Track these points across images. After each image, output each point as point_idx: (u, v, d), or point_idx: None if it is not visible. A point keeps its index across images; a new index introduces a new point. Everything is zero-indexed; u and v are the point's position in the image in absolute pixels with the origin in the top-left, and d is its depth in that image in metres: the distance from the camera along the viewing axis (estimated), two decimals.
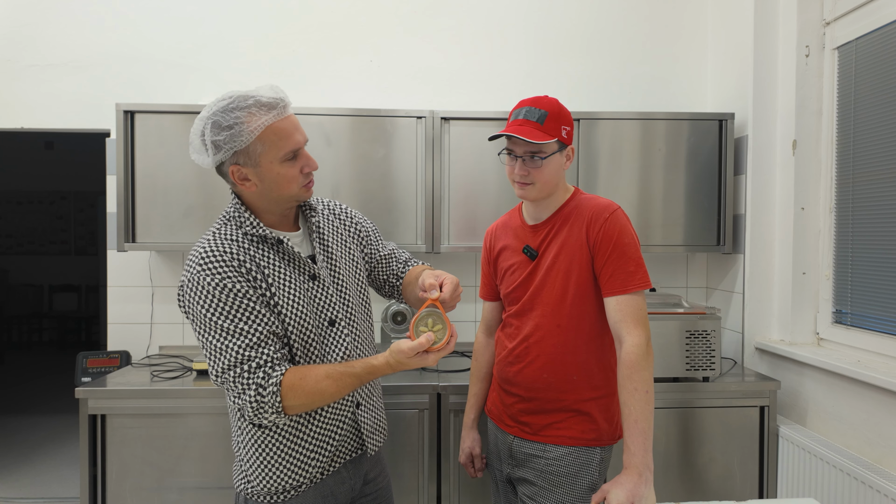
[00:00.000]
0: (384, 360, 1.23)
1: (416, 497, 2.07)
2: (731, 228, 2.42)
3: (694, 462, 2.12)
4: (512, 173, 1.49)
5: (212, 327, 1.18)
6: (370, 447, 1.40)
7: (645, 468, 1.32)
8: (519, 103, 1.50)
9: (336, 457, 1.35)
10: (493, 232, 1.69)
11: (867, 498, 1.75)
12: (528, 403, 1.53)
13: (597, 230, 1.45)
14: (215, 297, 1.17)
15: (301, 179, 1.26)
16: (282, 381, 1.17)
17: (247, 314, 1.18)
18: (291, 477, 1.29)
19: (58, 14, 2.58)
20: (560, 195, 1.53)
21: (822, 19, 2.24)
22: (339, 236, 1.43)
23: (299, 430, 1.29)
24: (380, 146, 2.33)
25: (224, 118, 1.17)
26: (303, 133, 1.26)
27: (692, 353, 2.11)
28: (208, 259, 1.20)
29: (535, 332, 1.51)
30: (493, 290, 1.69)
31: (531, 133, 1.41)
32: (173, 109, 2.29)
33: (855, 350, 2.07)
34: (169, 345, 2.61)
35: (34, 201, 7.37)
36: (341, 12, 2.66)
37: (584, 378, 1.49)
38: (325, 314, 1.32)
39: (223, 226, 1.27)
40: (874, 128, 2.00)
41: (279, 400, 1.17)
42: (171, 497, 2.03)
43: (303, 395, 1.18)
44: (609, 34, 2.72)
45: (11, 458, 3.76)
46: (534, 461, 1.51)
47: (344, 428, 1.35)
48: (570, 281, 1.47)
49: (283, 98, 1.22)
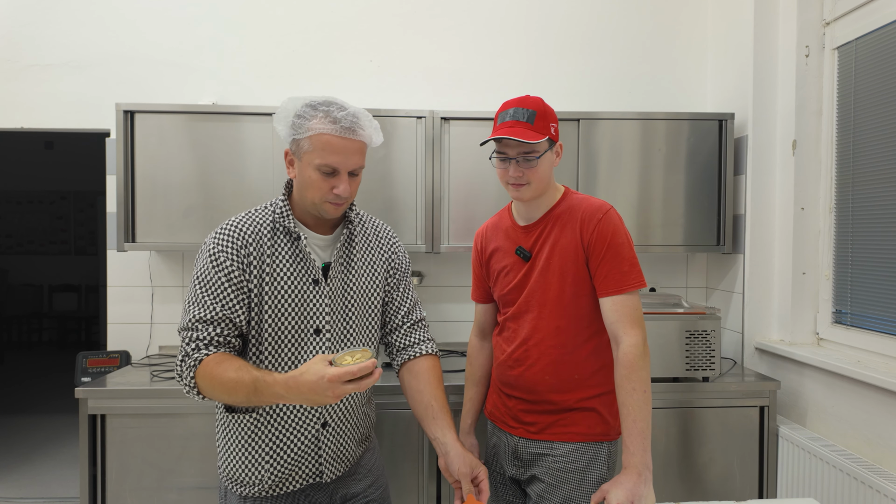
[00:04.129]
0: (283, 380, 1.11)
1: (416, 497, 2.07)
2: (731, 228, 2.42)
3: (694, 462, 2.12)
4: (505, 175, 1.47)
5: (191, 290, 1.29)
6: (327, 475, 1.35)
7: (644, 468, 1.33)
8: (504, 105, 1.49)
9: (292, 476, 1.33)
10: (484, 233, 1.67)
11: (867, 498, 1.75)
12: (532, 405, 1.53)
13: (591, 230, 1.45)
14: (206, 266, 1.28)
15: (328, 195, 1.28)
16: (202, 360, 1.23)
17: (216, 291, 1.26)
18: (246, 471, 1.32)
19: (58, 14, 2.58)
20: (551, 194, 1.53)
21: (822, 19, 2.24)
22: (369, 255, 1.43)
23: (260, 428, 1.31)
24: (380, 146, 2.32)
25: (304, 110, 1.27)
26: (351, 160, 1.27)
27: (692, 353, 2.11)
28: (224, 232, 1.31)
29: (534, 334, 1.50)
30: (485, 292, 1.68)
31: (524, 133, 1.41)
32: (173, 109, 2.29)
33: (855, 350, 2.07)
34: (169, 345, 2.60)
35: (34, 201, 7.38)
36: (341, 12, 2.66)
37: (585, 377, 1.49)
38: (313, 321, 1.32)
39: (262, 209, 1.36)
40: (874, 128, 2.00)
41: (192, 376, 1.23)
42: (171, 497, 2.03)
43: (209, 380, 1.20)
44: (609, 34, 2.72)
45: (11, 458, 3.76)
46: (541, 460, 1.51)
47: (303, 444, 1.32)
48: (566, 281, 1.47)
49: (355, 123, 1.26)
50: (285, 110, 1.28)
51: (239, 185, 2.31)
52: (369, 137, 1.30)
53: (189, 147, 2.29)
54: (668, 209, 2.42)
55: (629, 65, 2.72)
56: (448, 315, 2.70)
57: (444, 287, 2.69)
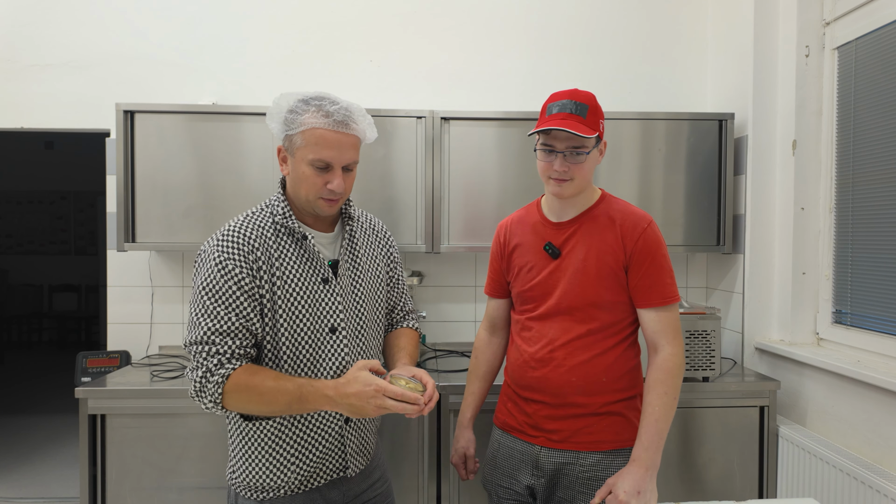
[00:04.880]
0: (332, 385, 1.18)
1: (416, 497, 2.07)
2: (731, 228, 2.42)
3: (694, 462, 2.12)
4: (548, 170, 1.42)
5: (199, 301, 1.24)
6: (352, 469, 1.37)
7: (652, 464, 1.33)
8: (553, 96, 1.43)
9: (318, 473, 1.33)
10: (508, 226, 1.62)
11: (867, 498, 1.75)
12: (556, 409, 1.47)
13: (635, 240, 1.43)
14: (213, 275, 1.23)
15: (321, 191, 1.27)
16: (230, 375, 1.20)
17: (229, 301, 1.22)
18: (270, 477, 1.30)
19: (58, 14, 2.58)
20: (589, 194, 1.50)
21: (822, 19, 2.24)
22: (370, 250, 1.44)
23: (284, 431, 1.29)
24: (380, 146, 2.33)
25: (296, 105, 1.26)
26: (344, 154, 1.27)
27: (692, 353, 2.11)
28: (227, 237, 1.26)
29: (563, 335, 1.46)
30: (501, 287, 1.64)
31: (577, 126, 1.35)
32: (173, 109, 2.29)
33: (855, 350, 2.07)
34: (169, 345, 2.60)
35: (34, 201, 7.38)
36: (341, 12, 2.66)
37: (612, 380, 1.46)
38: (327, 320, 1.31)
39: (260, 211, 1.34)
40: (874, 128, 2.00)
41: (220, 392, 1.19)
42: (171, 497, 2.03)
43: (244, 392, 1.19)
44: (609, 34, 2.72)
45: (11, 458, 3.76)
46: (567, 469, 1.47)
47: (328, 441, 1.33)
48: (602, 285, 1.44)
49: (348, 118, 1.26)
50: (278, 107, 1.27)
51: (239, 185, 2.31)
52: (363, 132, 1.29)
53: (189, 147, 2.29)
54: (668, 209, 2.42)
55: (629, 65, 2.72)
56: (448, 315, 2.70)
57: (444, 287, 2.69)
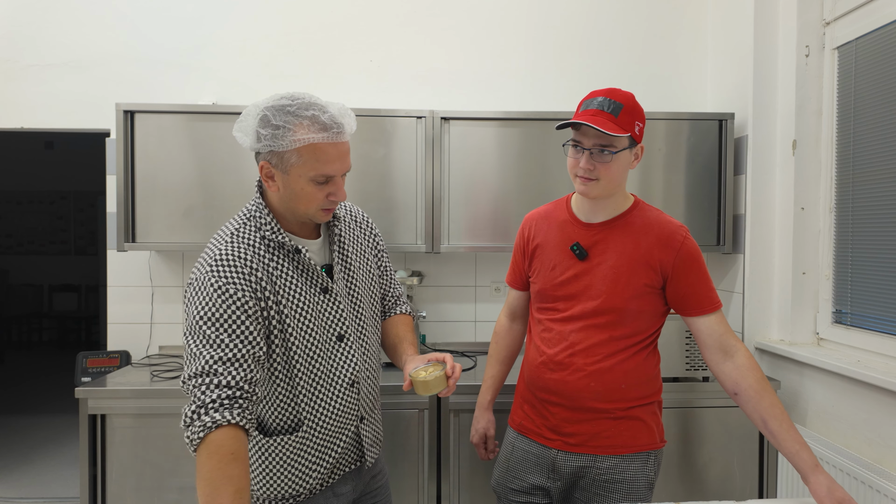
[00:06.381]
0: None
1: (416, 497, 2.07)
2: (731, 228, 2.42)
3: (694, 462, 2.12)
4: (575, 167, 1.39)
5: (196, 332, 1.12)
6: (369, 459, 1.38)
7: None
8: (590, 94, 1.41)
9: (336, 469, 1.34)
10: (533, 222, 1.58)
11: (867, 498, 1.74)
12: (573, 412, 1.46)
13: (675, 250, 1.41)
14: (213, 302, 1.13)
15: (323, 203, 1.22)
16: (222, 427, 1.04)
17: (235, 327, 1.13)
18: (291, 486, 1.29)
19: (58, 14, 2.58)
20: (621, 199, 1.47)
21: (822, 19, 2.24)
22: (359, 246, 1.41)
23: (304, 442, 1.28)
24: (380, 146, 2.33)
25: (275, 116, 1.14)
26: (346, 163, 1.23)
27: (692, 353, 2.11)
28: (222, 262, 1.17)
29: (584, 340, 1.44)
30: (521, 280, 1.62)
31: (605, 124, 1.32)
32: (173, 109, 2.29)
33: (855, 350, 2.06)
34: (169, 345, 2.60)
35: (34, 201, 7.37)
36: (341, 12, 2.66)
37: (631, 386, 1.45)
38: (334, 329, 1.29)
39: (242, 226, 1.24)
40: (874, 128, 2.00)
41: (200, 437, 1.03)
42: (171, 497, 2.03)
43: (207, 459, 1.02)
44: (609, 34, 2.72)
45: (11, 458, 3.76)
46: (585, 472, 1.46)
47: (346, 441, 1.34)
48: (631, 294, 1.41)
49: (343, 124, 1.19)
50: (250, 118, 1.17)
51: (239, 185, 2.31)
52: (351, 131, 1.23)
53: (189, 147, 2.29)
54: (669, 209, 2.41)
55: (629, 65, 2.72)
56: (448, 315, 2.70)
57: (444, 287, 2.69)
